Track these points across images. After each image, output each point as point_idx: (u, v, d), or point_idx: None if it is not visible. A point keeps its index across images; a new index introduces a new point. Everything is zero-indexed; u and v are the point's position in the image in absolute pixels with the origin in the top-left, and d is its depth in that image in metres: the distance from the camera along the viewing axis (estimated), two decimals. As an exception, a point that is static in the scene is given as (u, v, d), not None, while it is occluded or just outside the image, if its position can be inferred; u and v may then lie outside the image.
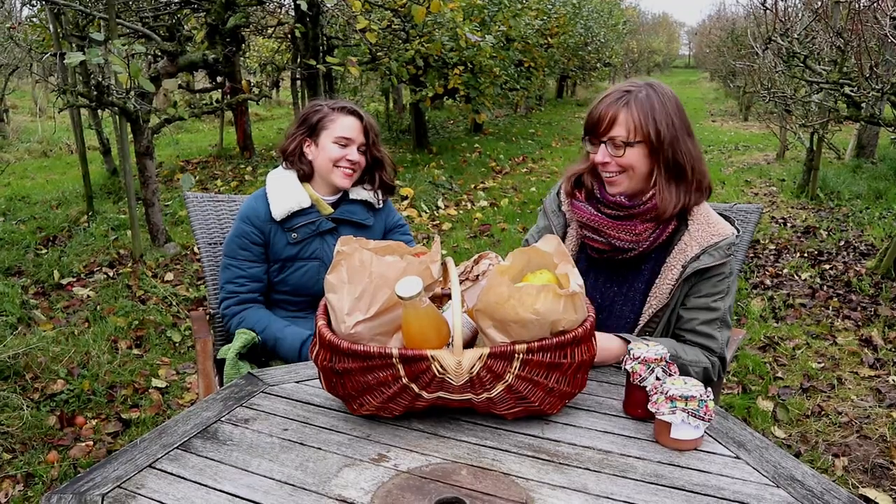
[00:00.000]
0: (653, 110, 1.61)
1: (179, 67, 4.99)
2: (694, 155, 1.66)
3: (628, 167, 1.64)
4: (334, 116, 2.04)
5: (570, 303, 1.27)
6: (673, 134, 1.62)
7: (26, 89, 14.68)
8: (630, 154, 1.62)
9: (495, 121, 12.79)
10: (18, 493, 2.45)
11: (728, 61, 13.88)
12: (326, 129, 2.04)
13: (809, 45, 5.25)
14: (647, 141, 1.61)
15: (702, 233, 1.65)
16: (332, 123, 2.03)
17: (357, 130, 2.04)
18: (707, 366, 1.65)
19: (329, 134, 2.03)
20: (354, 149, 2.04)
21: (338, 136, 2.02)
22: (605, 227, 1.68)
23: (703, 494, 1.14)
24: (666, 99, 1.64)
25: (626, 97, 1.62)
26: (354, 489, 1.14)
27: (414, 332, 1.27)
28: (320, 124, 2.04)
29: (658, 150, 1.62)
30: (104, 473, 1.18)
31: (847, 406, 3.02)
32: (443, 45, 6.71)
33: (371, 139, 2.07)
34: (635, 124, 1.60)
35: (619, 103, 1.62)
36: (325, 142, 2.03)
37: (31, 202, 6.61)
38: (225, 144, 9.51)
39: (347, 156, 2.02)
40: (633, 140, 1.61)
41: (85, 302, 4.13)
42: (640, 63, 35.00)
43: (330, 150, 2.02)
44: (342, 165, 2.03)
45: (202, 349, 1.96)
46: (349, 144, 2.03)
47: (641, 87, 1.64)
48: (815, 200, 6.61)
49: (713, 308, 1.66)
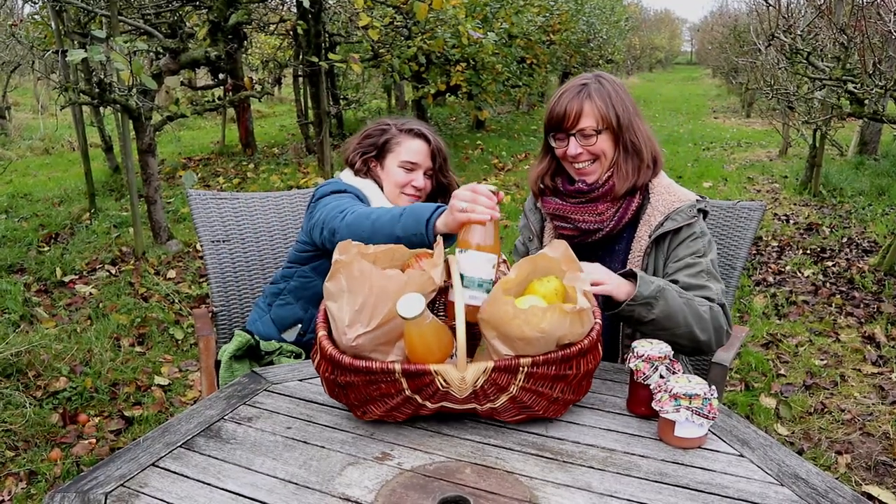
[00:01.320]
0: (611, 98, 1.72)
1: (181, 64, 4.99)
2: (646, 134, 1.77)
3: (600, 154, 1.74)
4: (401, 139, 1.98)
5: (577, 319, 1.24)
6: (628, 118, 1.74)
7: (28, 87, 14.69)
8: (600, 141, 1.73)
9: (498, 118, 12.78)
10: (21, 491, 2.45)
11: (730, 58, 13.85)
12: (392, 151, 1.98)
13: (812, 42, 5.24)
14: (611, 127, 1.72)
15: (663, 202, 1.75)
16: (398, 146, 1.97)
17: (424, 154, 1.98)
18: (709, 306, 1.62)
19: (395, 157, 1.97)
20: (421, 173, 1.98)
21: (403, 160, 1.96)
22: (570, 212, 1.78)
23: (707, 493, 1.13)
24: (617, 87, 1.76)
25: (585, 90, 1.73)
26: (358, 488, 1.14)
27: (417, 348, 1.26)
28: (387, 146, 1.98)
29: (619, 135, 1.74)
30: (107, 472, 1.18)
31: (850, 403, 3.01)
32: (445, 41, 6.70)
33: (438, 164, 2.01)
34: (600, 113, 1.71)
35: (580, 96, 1.72)
36: (391, 165, 1.97)
37: (33, 200, 6.61)
38: (227, 142, 9.51)
39: (413, 181, 1.97)
40: (601, 128, 1.72)
41: (87, 299, 4.14)
42: (641, 59, 34.95)
43: (395, 174, 1.97)
44: (408, 192, 1.97)
45: (205, 347, 1.96)
46: (415, 169, 1.97)
47: (592, 78, 1.76)
48: (818, 197, 6.60)
49: (694, 264, 1.68)
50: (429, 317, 1.25)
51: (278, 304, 2.06)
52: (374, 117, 7.44)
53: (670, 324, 1.56)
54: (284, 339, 2.03)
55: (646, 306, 1.53)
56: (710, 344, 1.62)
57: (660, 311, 1.54)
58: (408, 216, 1.60)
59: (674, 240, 1.72)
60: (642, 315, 1.54)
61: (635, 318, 1.56)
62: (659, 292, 1.54)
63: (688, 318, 1.57)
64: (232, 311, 2.29)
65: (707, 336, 1.60)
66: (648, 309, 1.53)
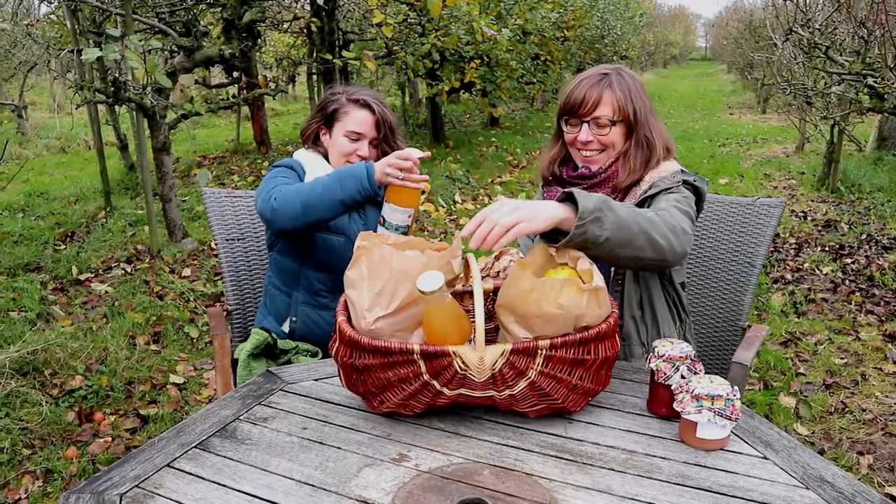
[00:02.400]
0: (630, 91, 1.73)
1: (196, 63, 5.00)
2: (660, 130, 1.77)
3: (609, 145, 1.74)
4: (348, 108, 2.02)
5: (593, 298, 1.25)
6: (645, 114, 1.74)
7: (44, 86, 14.80)
8: (612, 132, 1.73)
9: (512, 115, 12.73)
10: (37, 489, 2.46)
11: (746, 53, 13.73)
12: (339, 120, 2.03)
13: (831, 36, 5.17)
14: (626, 120, 1.72)
15: (649, 176, 1.74)
16: (345, 116, 2.02)
17: (369, 125, 2.02)
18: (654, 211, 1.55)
19: (341, 126, 2.02)
20: (365, 143, 2.02)
21: (349, 129, 2.01)
22: None
23: (730, 496, 1.11)
24: (636, 82, 1.76)
25: (606, 79, 1.73)
26: (375, 489, 1.13)
27: (435, 328, 1.26)
28: (335, 115, 2.04)
29: (634, 129, 1.74)
30: (122, 473, 1.17)
31: (871, 403, 2.97)
32: (459, 38, 6.67)
33: (384, 133, 2.04)
34: (619, 104, 1.71)
35: (601, 85, 1.72)
36: (337, 134, 2.03)
37: (49, 198, 6.66)
38: (241, 140, 9.53)
39: (357, 151, 2.01)
40: (616, 119, 1.72)
41: (103, 298, 4.15)
42: (656, 56, 34.75)
43: (341, 143, 2.02)
44: (353, 161, 2.01)
45: (220, 346, 1.95)
46: (360, 139, 2.01)
47: (613, 70, 1.76)
48: (836, 193, 6.52)
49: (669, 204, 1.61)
50: (447, 296, 1.27)
51: (270, 295, 2.11)
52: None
53: (627, 236, 1.41)
54: (284, 332, 2.04)
55: (596, 222, 1.36)
56: (672, 247, 1.48)
57: (612, 224, 1.38)
58: (345, 179, 1.78)
59: (652, 201, 1.68)
60: (596, 234, 1.37)
61: (590, 241, 1.38)
62: (602, 203, 1.39)
63: (641, 224, 1.44)
64: (246, 309, 2.28)
65: (667, 240, 1.47)
66: (600, 225, 1.36)
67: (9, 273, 4.50)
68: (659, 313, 1.77)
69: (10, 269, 4.55)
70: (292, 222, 1.82)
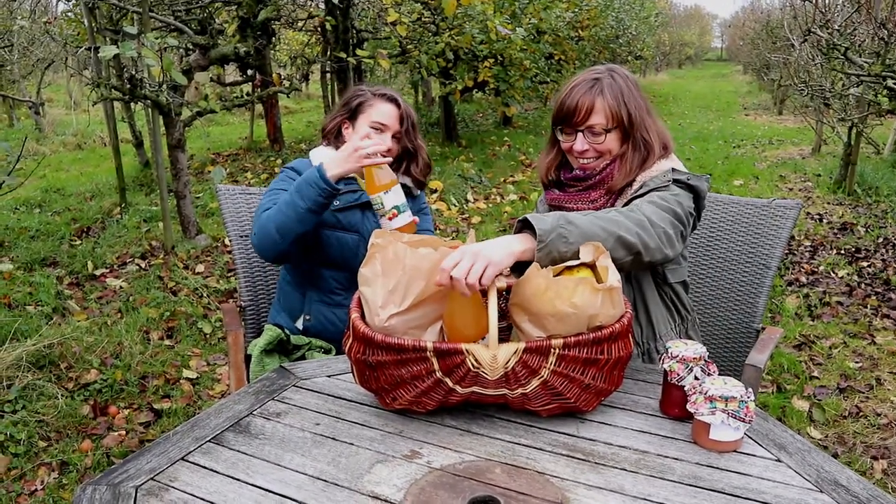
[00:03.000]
0: (623, 95, 1.69)
1: (211, 60, 5.02)
2: (656, 130, 1.73)
3: (605, 152, 1.72)
4: (374, 101, 2.06)
5: (608, 297, 1.24)
6: (640, 115, 1.70)
7: (61, 83, 14.92)
8: (608, 139, 1.70)
9: (525, 114, 12.72)
10: (53, 481, 2.48)
11: (762, 54, 13.64)
12: (364, 112, 2.06)
13: (850, 37, 5.13)
14: (621, 125, 1.69)
15: (641, 177, 1.71)
16: (370, 108, 2.05)
17: (393, 118, 2.05)
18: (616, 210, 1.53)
19: (366, 118, 2.05)
20: (388, 136, 2.04)
21: (374, 120, 2.03)
22: (566, 201, 1.78)
23: (743, 498, 1.11)
24: (630, 83, 1.72)
25: (598, 85, 1.69)
26: (387, 486, 1.13)
27: (456, 316, 1.29)
28: (360, 108, 2.07)
29: (629, 133, 1.70)
30: (138, 465, 1.18)
31: (886, 407, 2.94)
32: (473, 37, 6.67)
33: (406, 127, 2.08)
34: (612, 111, 1.68)
35: (592, 92, 1.68)
36: (361, 126, 2.05)
37: (65, 194, 6.71)
38: (255, 137, 9.57)
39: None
40: (611, 126, 1.69)
41: (118, 293, 4.19)
42: (671, 56, 34.58)
43: (364, 134, 2.02)
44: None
45: (234, 342, 1.96)
46: (384, 130, 2.04)
47: (605, 73, 1.72)
48: (853, 196, 6.46)
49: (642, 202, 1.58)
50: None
51: (284, 292, 2.13)
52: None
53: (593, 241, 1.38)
54: (298, 329, 2.05)
55: (559, 239, 1.35)
56: (645, 242, 1.45)
57: (575, 237, 1.37)
58: (302, 188, 1.82)
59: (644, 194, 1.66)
60: (562, 251, 1.36)
61: (558, 259, 1.37)
62: (560, 219, 1.38)
63: (605, 227, 1.41)
64: (260, 305, 2.29)
65: (637, 237, 1.44)
66: (564, 241, 1.36)
67: (26, 268, 4.55)
68: (653, 313, 1.76)
69: (27, 264, 4.59)
70: (276, 248, 1.88)
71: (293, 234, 1.86)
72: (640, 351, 1.76)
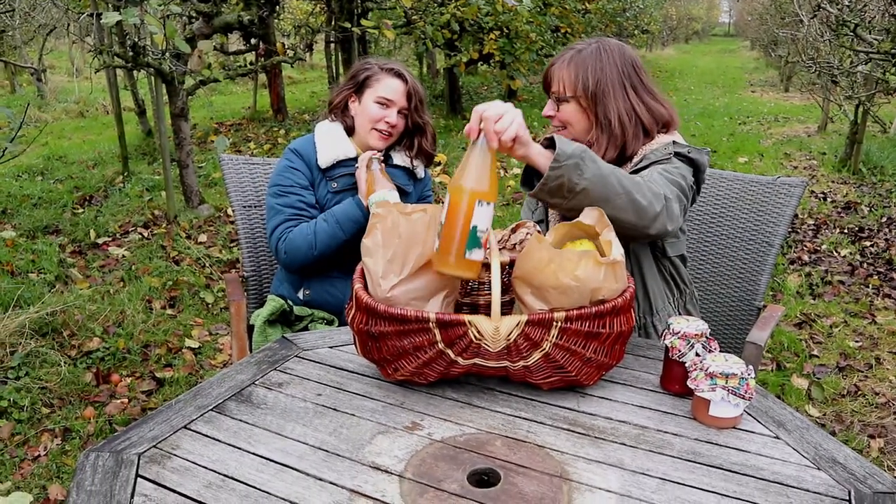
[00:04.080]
0: (586, 67, 1.67)
1: (214, 29, 4.98)
2: (627, 108, 1.68)
3: (565, 122, 1.73)
4: (381, 76, 2.04)
5: (610, 271, 1.24)
6: (604, 90, 1.66)
7: (63, 50, 14.81)
8: (565, 108, 1.71)
9: (530, 87, 12.61)
10: (56, 447, 2.51)
11: (770, 30, 13.49)
12: (371, 87, 2.04)
13: (860, 13, 5.06)
14: (576, 96, 1.69)
15: (642, 150, 1.70)
16: (377, 83, 2.03)
17: (400, 93, 2.03)
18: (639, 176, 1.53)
19: (373, 92, 2.03)
20: (394, 111, 2.03)
21: (380, 95, 2.01)
22: None
23: (741, 474, 1.11)
24: (606, 55, 1.68)
25: (570, 54, 1.71)
26: (388, 456, 1.14)
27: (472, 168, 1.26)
28: (367, 82, 2.05)
29: (590, 106, 1.69)
30: (140, 433, 1.19)
31: (885, 387, 2.96)
32: (479, 9, 6.60)
33: (414, 104, 2.06)
34: (567, 81, 1.69)
35: (560, 60, 1.71)
36: (368, 100, 2.03)
37: (68, 162, 6.70)
38: (258, 107, 9.52)
39: (386, 117, 2.02)
40: (567, 96, 1.70)
41: (120, 261, 4.19)
42: (678, 30, 34.23)
43: (371, 109, 2.02)
44: (380, 127, 2.02)
45: (236, 312, 1.96)
46: (390, 106, 2.02)
47: (589, 44, 1.72)
48: (857, 175, 6.43)
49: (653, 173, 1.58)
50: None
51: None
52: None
53: (606, 191, 1.39)
54: (300, 299, 2.05)
55: (574, 168, 1.36)
56: (656, 212, 1.45)
57: (591, 174, 1.37)
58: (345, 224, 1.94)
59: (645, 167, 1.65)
60: (574, 182, 1.36)
61: (567, 187, 1.37)
62: (584, 152, 1.38)
63: (623, 182, 1.41)
64: (262, 276, 2.30)
65: (650, 204, 1.44)
66: (579, 173, 1.36)
67: (28, 235, 4.55)
68: (651, 287, 1.75)
69: (30, 232, 4.60)
70: (304, 262, 1.99)
71: (326, 255, 1.97)
72: (637, 325, 1.76)
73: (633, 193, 1.42)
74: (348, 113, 2.09)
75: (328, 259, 2.00)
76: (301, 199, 2.01)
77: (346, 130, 2.08)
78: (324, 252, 1.96)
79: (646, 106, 1.71)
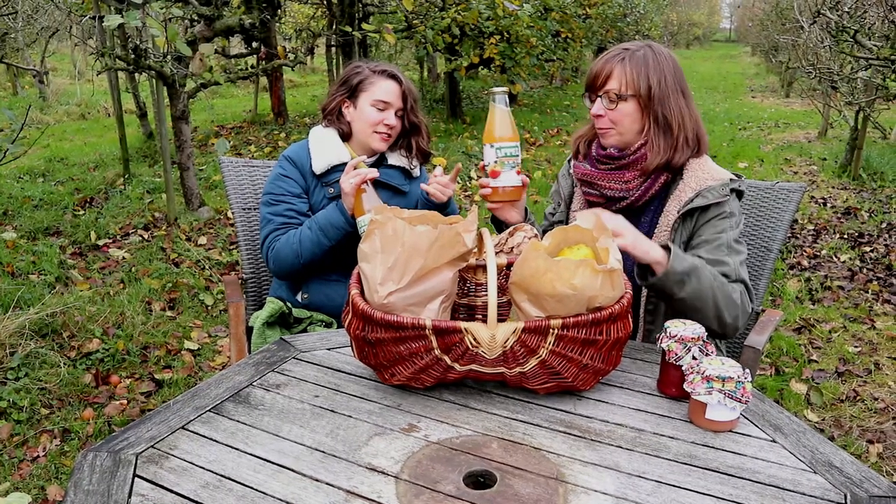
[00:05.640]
0: (646, 67, 1.68)
1: (216, 32, 4.99)
2: (683, 113, 1.71)
3: (619, 120, 1.71)
4: (374, 79, 2.04)
5: (607, 279, 1.24)
6: (664, 91, 1.68)
7: (66, 52, 14.84)
8: (622, 107, 1.69)
9: (530, 92, 12.64)
10: (55, 448, 2.51)
11: (771, 35, 13.50)
12: (365, 91, 2.03)
13: (860, 19, 5.07)
14: (637, 95, 1.68)
15: (696, 179, 1.71)
16: (371, 86, 2.03)
17: (395, 95, 2.03)
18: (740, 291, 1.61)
19: (368, 97, 2.03)
20: (392, 113, 2.03)
21: (376, 99, 2.01)
22: (597, 178, 1.76)
23: (737, 477, 1.12)
24: (662, 58, 1.70)
25: (624, 54, 1.70)
26: (384, 458, 1.14)
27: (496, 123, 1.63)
28: (360, 86, 2.04)
29: (648, 106, 1.69)
30: (138, 433, 1.20)
31: (884, 392, 2.96)
32: (479, 13, 6.61)
33: (409, 104, 2.06)
34: (628, 79, 1.68)
35: (615, 59, 1.70)
36: (363, 104, 2.03)
37: (69, 164, 6.71)
38: (259, 110, 9.53)
39: (385, 120, 2.02)
40: (625, 94, 1.68)
41: (120, 263, 4.20)
42: (679, 36, 34.27)
43: (368, 112, 2.02)
44: (379, 130, 2.02)
45: (235, 313, 1.97)
46: (387, 108, 2.02)
47: (641, 46, 1.72)
48: (858, 181, 6.44)
49: (714, 240, 1.66)
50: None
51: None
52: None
53: (700, 304, 1.54)
54: (299, 302, 2.05)
55: (678, 283, 1.52)
56: (735, 327, 1.60)
57: (691, 290, 1.52)
58: (328, 231, 1.92)
59: (701, 217, 1.68)
60: (673, 291, 1.53)
61: (666, 293, 1.55)
62: (692, 270, 1.52)
63: (718, 301, 1.55)
64: (261, 278, 2.30)
65: (733, 319, 1.58)
66: (680, 286, 1.52)
67: (29, 237, 4.56)
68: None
69: (31, 233, 4.60)
70: (292, 270, 2.00)
71: (312, 262, 1.97)
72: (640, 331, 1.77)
73: (724, 312, 1.56)
74: (343, 118, 2.08)
75: (324, 263, 2.00)
76: (291, 207, 2.01)
77: (342, 136, 2.08)
78: (311, 260, 1.95)
79: (692, 114, 1.73)
